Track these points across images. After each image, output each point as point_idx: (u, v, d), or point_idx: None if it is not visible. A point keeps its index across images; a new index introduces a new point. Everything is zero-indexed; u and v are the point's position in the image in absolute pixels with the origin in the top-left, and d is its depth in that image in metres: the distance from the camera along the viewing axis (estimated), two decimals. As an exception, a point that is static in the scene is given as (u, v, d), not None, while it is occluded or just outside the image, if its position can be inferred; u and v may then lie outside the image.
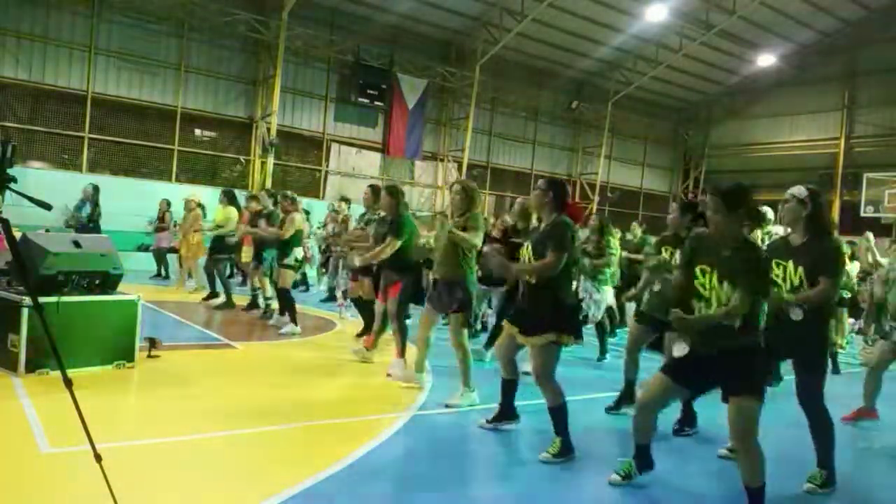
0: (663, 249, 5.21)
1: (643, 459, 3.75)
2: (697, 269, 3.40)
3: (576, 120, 24.75)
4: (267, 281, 8.78)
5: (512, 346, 4.41)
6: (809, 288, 3.80)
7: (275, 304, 8.67)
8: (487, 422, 4.65)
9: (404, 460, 4.02)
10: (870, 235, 9.35)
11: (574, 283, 8.18)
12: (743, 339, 3.28)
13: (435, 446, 4.35)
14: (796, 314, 3.83)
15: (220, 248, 9.94)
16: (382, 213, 6.60)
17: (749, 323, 3.29)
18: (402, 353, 6.00)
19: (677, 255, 4.76)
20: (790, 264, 3.89)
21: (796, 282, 3.85)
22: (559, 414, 4.14)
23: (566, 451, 4.10)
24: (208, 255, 10.13)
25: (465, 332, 5.30)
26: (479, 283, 6.37)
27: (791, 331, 3.85)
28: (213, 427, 4.23)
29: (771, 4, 20.45)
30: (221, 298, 9.66)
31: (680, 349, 3.42)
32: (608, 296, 7.79)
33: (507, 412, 4.63)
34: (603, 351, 7.67)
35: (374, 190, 7.38)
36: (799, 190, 3.99)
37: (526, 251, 4.28)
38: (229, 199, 10.24)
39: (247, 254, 10.09)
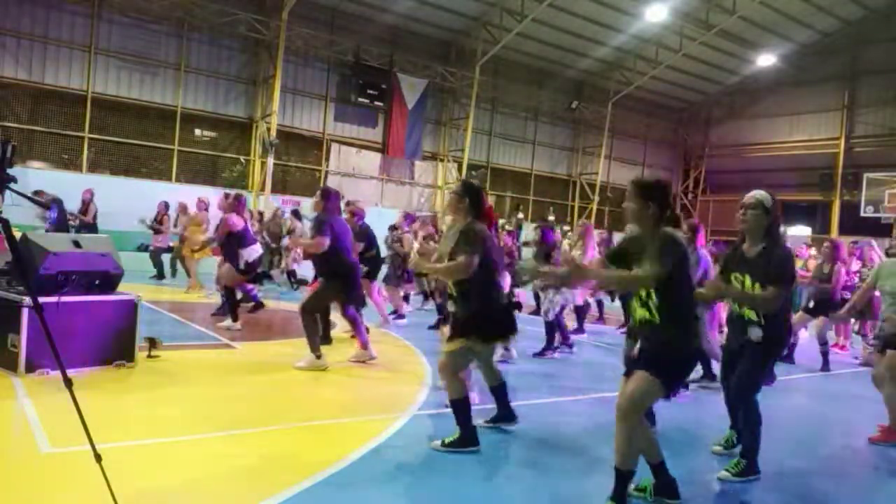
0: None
1: (661, 481, 3.49)
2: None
3: (576, 120, 24.76)
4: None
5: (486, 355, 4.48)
6: None
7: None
8: (485, 422, 4.65)
9: (404, 460, 4.02)
10: (872, 242, 10.12)
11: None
12: (674, 337, 3.24)
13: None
14: (755, 334, 3.85)
15: None
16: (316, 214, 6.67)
17: (683, 324, 3.25)
18: (315, 349, 6.08)
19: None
20: (747, 279, 3.85)
21: None
22: (459, 407, 4.18)
23: (464, 443, 4.12)
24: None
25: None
26: None
27: (746, 331, 3.91)
28: (213, 427, 4.23)
29: (771, 4, 20.45)
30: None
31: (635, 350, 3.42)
32: (568, 297, 7.90)
33: (504, 414, 4.67)
34: (547, 348, 7.71)
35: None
36: (765, 196, 3.89)
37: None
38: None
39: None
